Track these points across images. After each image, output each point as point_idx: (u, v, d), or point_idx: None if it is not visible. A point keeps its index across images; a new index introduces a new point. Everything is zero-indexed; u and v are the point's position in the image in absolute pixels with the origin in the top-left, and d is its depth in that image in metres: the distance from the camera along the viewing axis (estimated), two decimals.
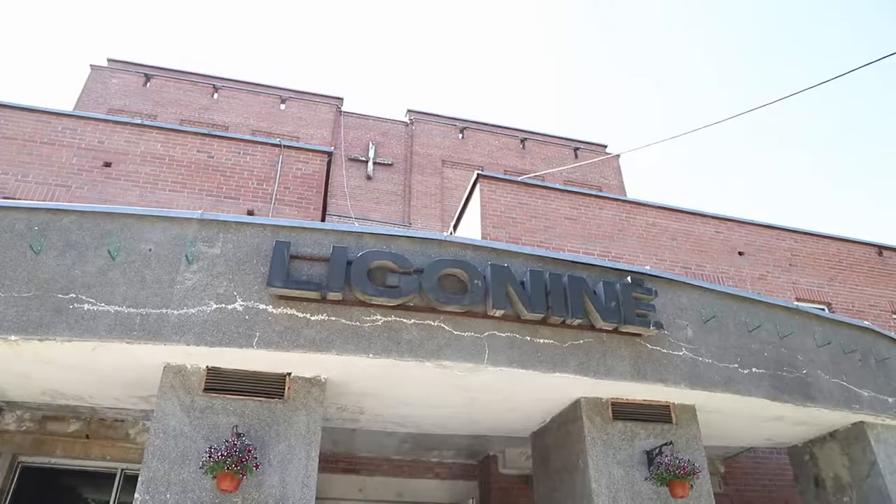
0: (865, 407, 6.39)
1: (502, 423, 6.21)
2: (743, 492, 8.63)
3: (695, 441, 5.61)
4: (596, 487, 5.14)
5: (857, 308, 10.86)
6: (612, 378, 5.14)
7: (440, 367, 4.78)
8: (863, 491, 6.54)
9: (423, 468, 7.96)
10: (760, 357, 5.92)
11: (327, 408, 5.39)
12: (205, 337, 4.56)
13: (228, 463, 4.21)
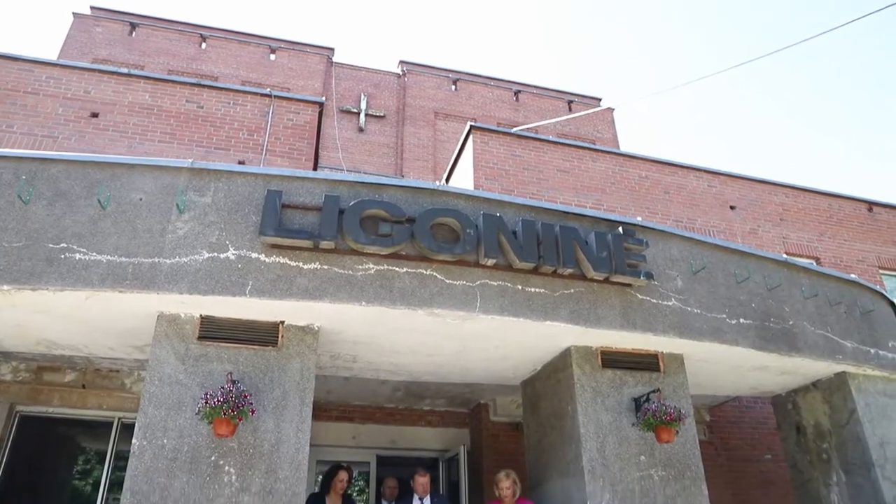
0: (848, 357, 6.52)
1: (494, 372, 6.31)
2: (727, 439, 8.87)
3: (682, 389, 5.73)
4: (584, 432, 5.27)
5: (845, 262, 10.98)
6: (602, 327, 5.22)
7: (432, 315, 4.82)
8: (841, 437, 6.74)
9: (415, 416, 8.11)
10: (748, 308, 6.00)
11: (321, 356, 5.45)
12: (198, 286, 4.58)
13: (224, 409, 4.27)
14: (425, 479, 6.17)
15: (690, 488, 5.40)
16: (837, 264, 10.87)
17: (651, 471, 5.33)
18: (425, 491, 6.15)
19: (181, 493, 4.36)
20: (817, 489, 6.91)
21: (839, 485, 6.69)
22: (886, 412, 6.76)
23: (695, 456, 5.55)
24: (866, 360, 6.69)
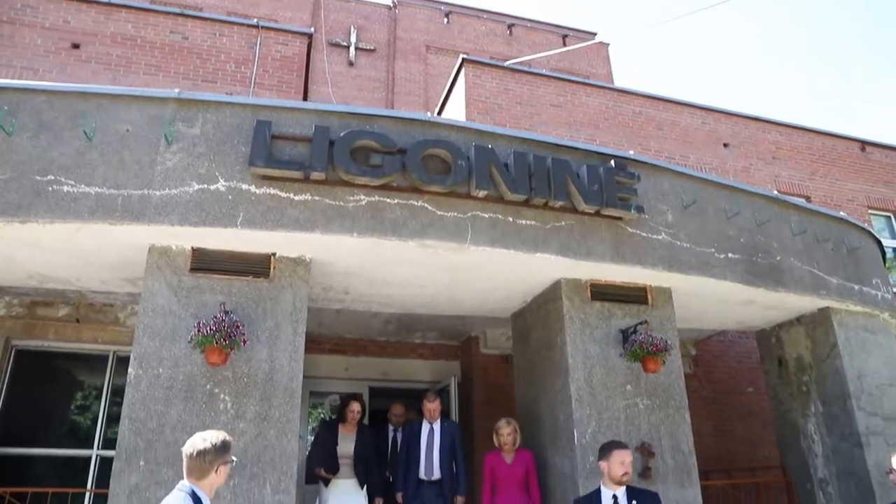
0: (833, 293, 6.64)
1: (484, 304, 6.39)
2: (711, 373, 9.10)
3: (669, 322, 5.84)
4: (572, 362, 5.39)
5: (835, 202, 11.04)
6: (591, 260, 5.26)
7: (424, 246, 4.85)
8: (822, 370, 6.93)
9: (406, 349, 8.25)
10: (737, 243, 6.06)
11: (313, 288, 5.49)
12: (188, 217, 4.56)
13: (217, 338, 4.33)
14: (435, 405, 6.02)
15: (674, 416, 5.57)
16: (827, 203, 10.92)
17: (636, 399, 5.49)
18: (435, 416, 6.02)
19: (178, 420, 4.46)
20: (795, 419, 7.15)
21: (816, 415, 6.92)
22: (865, 346, 6.93)
23: (679, 386, 5.71)
24: (850, 296, 6.81)
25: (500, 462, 5.50)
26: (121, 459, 4.30)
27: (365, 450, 5.88)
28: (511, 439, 5.51)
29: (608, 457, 3.92)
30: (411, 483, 5.81)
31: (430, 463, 5.82)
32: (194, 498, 2.72)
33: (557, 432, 5.49)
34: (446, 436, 5.93)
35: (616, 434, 5.30)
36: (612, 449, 3.94)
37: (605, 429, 5.29)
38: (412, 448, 5.93)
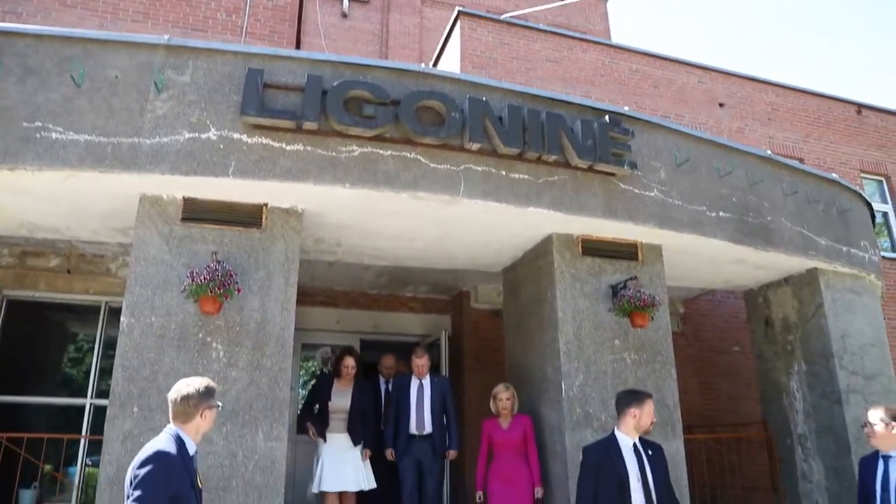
0: (821, 254, 6.70)
1: (476, 257, 6.42)
2: (699, 331, 9.24)
3: (658, 278, 5.89)
4: (562, 316, 5.45)
5: (828, 165, 11.04)
6: (583, 215, 5.28)
7: (416, 198, 4.84)
8: (806, 330, 7.04)
9: (398, 302, 8.30)
10: (729, 202, 6.08)
11: (305, 239, 5.49)
12: (179, 166, 4.53)
13: (210, 287, 4.34)
14: (423, 360, 5.93)
15: (660, 371, 5.67)
16: (820, 166, 10.92)
17: (624, 354, 5.57)
18: (423, 372, 5.93)
19: (171, 368, 4.50)
20: (779, 377, 7.30)
21: (799, 373, 7.06)
22: (851, 307, 7.04)
23: (666, 342, 5.79)
24: (838, 258, 6.88)
25: (496, 428, 5.45)
26: (114, 406, 4.36)
27: (361, 405, 5.77)
28: (510, 404, 5.45)
29: (642, 405, 3.72)
30: (402, 438, 5.75)
31: (421, 418, 5.77)
32: (178, 441, 2.73)
33: (545, 385, 5.58)
34: (436, 391, 5.87)
35: (603, 387, 5.41)
36: (645, 398, 3.76)
37: (593, 382, 5.39)
38: (401, 403, 5.86)
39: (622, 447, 3.64)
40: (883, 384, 6.85)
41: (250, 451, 4.49)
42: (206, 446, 4.41)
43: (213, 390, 2.92)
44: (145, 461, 2.58)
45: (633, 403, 3.73)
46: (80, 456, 6.69)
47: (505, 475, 5.28)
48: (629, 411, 3.71)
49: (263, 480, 4.47)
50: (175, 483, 2.60)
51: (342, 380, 5.85)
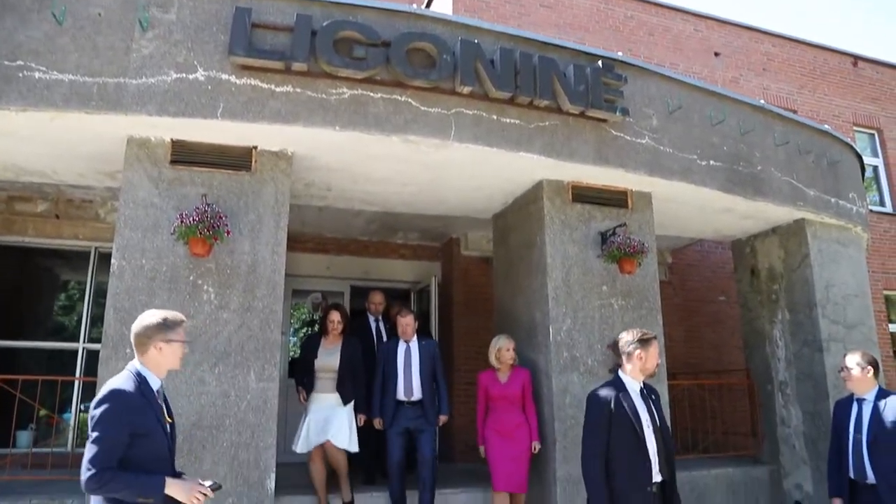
0: (809, 205, 6.75)
1: (466, 203, 6.42)
2: (686, 281, 9.36)
3: (647, 226, 5.94)
4: (551, 262, 5.51)
5: (821, 117, 11.02)
6: (574, 161, 5.28)
7: (407, 142, 4.81)
8: (791, 280, 7.15)
9: (388, 249, 8.32)
10: (720, 151, 6.09)
11: (295, 184, 5.47)
12: (167, 107, 4.47)
13: (200, 228, 4.34)
14: (408, 320, 5.54)
15: (647, 317, 5.77)
16: (814, 118, 10.88)
17: (611, 300, 5.65)
18: (409, 333, 5.54)
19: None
20: (762, 326, 7.44)
21: (782, 322, 7.20)
22: (836, 258, 7.14)
23: (653, 289, 5.87)
24: (826, 209, 6.94)
25: (494, 381, 5.30)
26: (107, 347, 4.40)
27: (351, 363, 5.41)
28: (510, 354, 5.29)
29: (647, 347, 3.47)
30: (389, 405, 5.40)
31: (409, 383, 5.41)
32: (139, 378, 2.61)
33: (533, 330, 5.67)
34: (425, 355, 5.51)
35: (590, 332, 5.50)
36: (651, 340, 3.52)
37: (580, 327, 5.48)
38: (388, 368, 5.50)
39: (629, 390, 3.43)
40: (863, 333, 7.00)
41: (242, 392, 4.57)
42: (198, 386, 4.49)
43: (172, 323, 2.71)
44: (100, 401, 2.48)
45: (640, 346, 3.48)
46: (74, 400, 6.79)
47: (504, 430, 5.17)
48: (635, 354, 3.47)
49: (256, 420, 4.56)
50: (134, 420, 2.50)
51: (329, 337, 5.48)
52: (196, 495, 2.51)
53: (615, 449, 3.30)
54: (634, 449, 3.31)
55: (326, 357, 5.40)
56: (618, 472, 3.29)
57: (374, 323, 6.57)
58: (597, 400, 3.42)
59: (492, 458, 5.17)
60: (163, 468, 2.58)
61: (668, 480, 3.37)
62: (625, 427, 3.31)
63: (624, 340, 3.55)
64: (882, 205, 11.61)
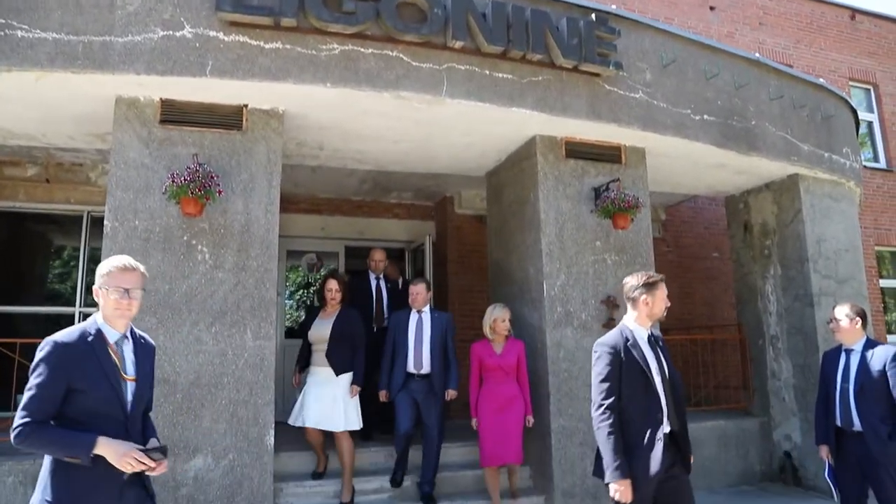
0: (803, 160, 6.75)
1: (459, 161, 6.39)
2: (679, 237, 9.40)
3: (641, 181, 5.94)
4: (545, 218, 5.52)
5: (817, 72, 10.92)
6: (567, 116, 5.24)
7: (398, 98, 4.77)
8: (784, 235, 7.19)
9: (382, 209, 8.32)
10: (714, 105, 6.05)
11: (287, 143, 5.43)
12: (154, 66, 4.40)
13: (191, 188, 4.32)
14: (420, 288, 5.34)
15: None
16: (809, 73, 10.79)
17: (605, 255, 5.69)
18: (421, 303, 5.34)
19: (158, 271, 4.54)
20: (755, 281, 7.50)
21: (774, 277, 7.26)
22: (828, 213, 7.17)
23: (647, 244, 5.90)
24: (819, 164, 6.94)
25: (489, 352, 5.15)
26: None
27: (343, 330, 5.15)
28: (504, 326, 5.15)
29: (653, 291, 3.25)
30: (397, 377, 5.24)
31: (419, 356, 5.22)
32: (94, 330, 2.41)
33: (527, 285, 5.71)
34: (437, 327, 5.31)
35: (584, 287, 5.55)
36: (657, 283, 3.29)
37: (574, 282, 5.52)
38: (399, 339, 5.31)
39: (637, 338, 3.23)
40: (854, 288, 7.07)
41: (239, 350, 4.61)
42: (196, 345, 4.53)
43: (111, 269, 2.46)
44: (38, 351, 2.32)
45: (645, 291, 3.25)
46: None
47: (498, 403, 5.04)
48: (641, 299, 3.25)
49: (254, 377, 4.62)
50: (72, 373, 2.30)
51: (327, 308, 5.32)
52: (129, 460, 2.25)
53: (625, 399, 3.15)
54: (645, 399, 3.16)
55: (320, 327, 5.23)
56: (628, 422, 3.14)
57: (375, 281, 6.48)
58: (605, 349, 3.23)
59: (483, 433, 5.05)
60: (104, 427, 2.32)
61: (678, 430, 3.21)
62: (634, 376, 3.15)
63: (628, 286, 3.34)
64: (876, 160, 11.60)
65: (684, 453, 3.23)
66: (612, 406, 3.11)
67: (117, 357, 2.44)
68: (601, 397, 3.15)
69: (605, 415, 3.11)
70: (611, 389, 3.13)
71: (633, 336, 3.24)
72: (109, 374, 2.38)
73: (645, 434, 3.11)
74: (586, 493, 5.34)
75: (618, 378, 3.15)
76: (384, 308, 6.31)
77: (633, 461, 3.07)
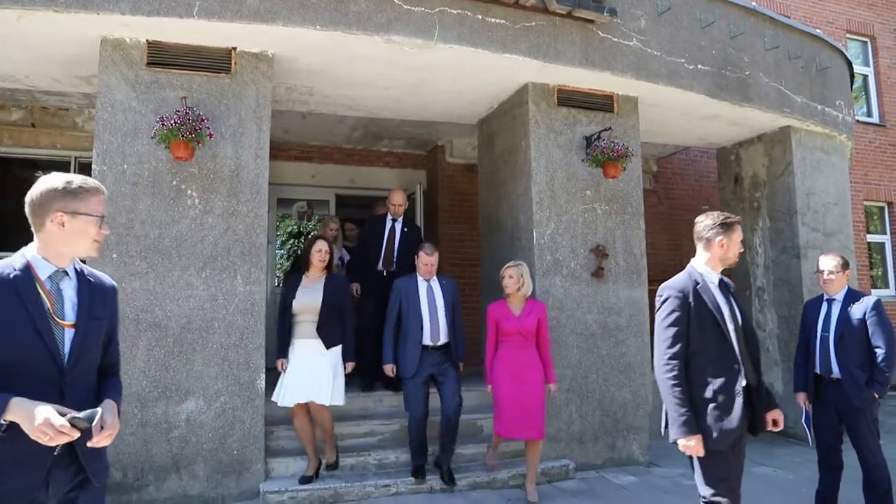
0: (796, 112, 6.73)
1: (450, 108, 6.33)
2: (671, 189, 9.42)
3: (633, 131, 5.92)
4: (535, 166, 5.51)
5: (814, 22, 10.78)
6: (560, 63, 5.18)
7: (389, 42, 4.68)
8: (774, 187, 7.22)
9: (373, 157, 8.26)
10: (708, 54, 5.99)
11: (276, 88, 5.35)
12: (140, 6, 4.29)
13: (182, 131, 4.27)
14: (433, 258, 4.91)
15: (629, 222, 5.85)
16: (806, 24, 10.66)
17: (595, 204, 5.71)
18: (431, 272, 4.93)
19: (147, 216, 4.53)
20: (743, 233, 7.54)
21: (763, 229, 7.33)
22: (819, 166, 7.19)
23: (637, 194, 5.92)
24: (812, 116, 6.92)
25: (507, 314, 4.68)
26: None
27: (334, 301, 4.67)
28: (516, 285, 4.67)
29: (730, 233, 2.94)
30: (412, 351, 4.78)
31: (436, 327, 4.81)
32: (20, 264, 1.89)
33: (517, 233, 5.74)
34: (448, 294, 4.93)
35: (573, 236, 5.59)
36: (735, 225, 2.99)
37: (564, 231, 5.55)
38: (410, 311, 4.83)
39: (708, 282, 2.92)
40: (841, 241, 7.15)
41: (230, 295, 4.64)
42: (186, 290, 4.55)
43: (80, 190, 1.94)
44: None
45: (722, 231, 2.93)
46: None
47: (516, 372, 4.59)
48: (717, 241, 2.93)
49: (244, 322, 4.66)
50: None
51: (312, 271, 4.74)
52: (45, 429, 1.69)
53: (694, 349, 2.84)
54: (717, 349, 2.85)
55: (306, 295, 4.65)
56: (698, 374, 2.84)
57: (391, 223, 5.97)
58: (672, 293, 2.87)
59: (500, 401, 4.61)
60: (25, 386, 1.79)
61: (755, 385, 2.90)
62: (706, 324, 2.84)
63: (702, 225, 2.99)
64: (869, 115, 11.58)
65: (759, 412, 2.91)
66: (679, 355, 2.81)
67: (49, 297, 1.90)
68: (666, 346, 2.84)
69: (670, 366, 2.81)
70: (677, 337, 2.83)
71: (704, 280, 2.93)
72: (36, 317, 1.85)
73: (720, 387, 2.80)
74: (571, 438, 5.49)
75: (686, 325, 2.84)
76: (394, 252, 5.89)
77: (705, 417, 2.79)
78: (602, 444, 5.59)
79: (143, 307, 4.46)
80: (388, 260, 5.90)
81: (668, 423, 2.83)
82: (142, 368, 4.42)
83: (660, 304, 2.93)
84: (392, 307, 4.92)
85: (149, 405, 4.41)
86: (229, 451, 4.55)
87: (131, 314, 4.42)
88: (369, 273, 5.89)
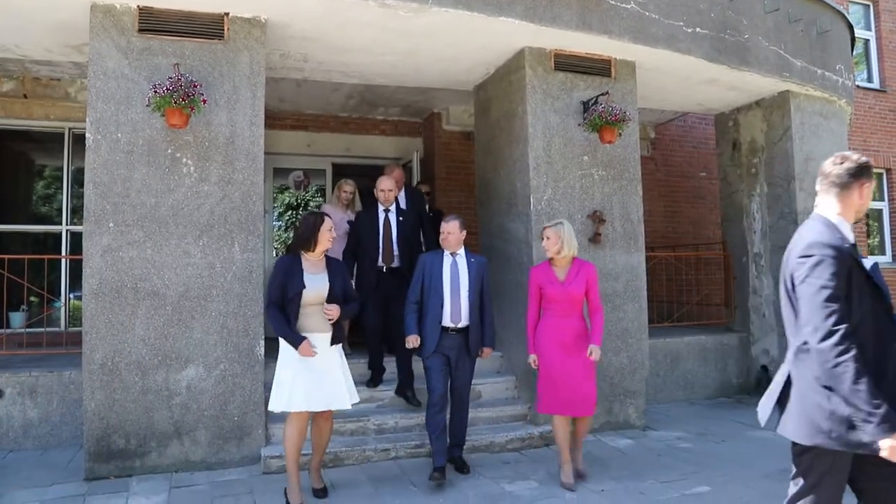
0: (795, 76, 6.66)
1: (446, 74, 6.26)
2: (668, 156, 9.39)
3: (630, 95, 5.87)
4: (532, 132, 5.48)
5: None
6: (557, 26, 5.10)
7: (384, 6, 4.60)
8: (772, 153, 7.20)
9: (369, 125, 8.21)
10: (706, 17, 5.91)
11: (270, 54, 5.28)
12: None
13: (175, 97, 4.23)
14: (453, 226, 4.47)
15: (626, 188, 5.84)
16: None
17: (592, 170, 5.69)
18: (455, 244, 4.50)
19: (143, 184, 4.52)
20: (741, 200, 7.56)
21: (761, 195, 7.32)
22: (817, 132, 7.15)
23: (634, 160, 5.90)
24: (811, 81, 6.86)
25: (551, 279, 4.27)
26: (90, 222, 4.40)
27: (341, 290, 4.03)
28: (557, 248, 4.24)
29: (871, 178, 2.44)
30: (432, 329, 4.43)
31: (457, 307, 4.44)
32: None
33: (514, 199, 5.73)
34: (475, 274, 4.51)
35: (570, 202, 5.58)
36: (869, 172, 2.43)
37: (561, 197, 5.54)
38: (432, 287, 4.46)
39: (844, 232, 2.35)
40: None
41: (228, 263, 4.65)
42: (183, 258, 4.56)
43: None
44: None
45: (863, 175, 2.40)
46: (63, 280, 6.88)
47: (562, 342, 4.21)
48: (855, 187, 2.39)
49: (242, 289, 4.68)
50: None
51: (310, 256, 4.00)
52: None
53: (854, 322, 2.19)
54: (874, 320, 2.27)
55: (316, 284, 3.93)
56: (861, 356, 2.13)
57: (384, 214, 5.42)
58: (828, 251, 2.23)
59: (544, 374, 4.24)
60: None
61: None
62: (863, 289, 2.26)
63: (839, 170, 2.40)
64: (869, 80, 11.47)
65: None
66: (850, 333, 2.13)
67: None
68: (832, 322, 2.14)
69: (844, 346, 2.10)
70: (843, 308, 2.17)
71: (840, 233, 2.34)
72: None
73: (885, 370, 2.23)
74: None
75: (845, 293, 2.21)
76: (393, 245, 5.37)
77: None
78: (599, 409, 5.62)
79: (141, 276, 4.46)
80: (388, 255, 5.36)
81: (853, 421, 2.11)
82: (141, 336, 4.45)
83: (810, 266, 2.24)
84: (416, 282, 4.56)
85: (149, 373, 4.45)
86: (230, 417, 4.61)
87: (129, 283, 4.43)
88: (368, 273, 5.37)
